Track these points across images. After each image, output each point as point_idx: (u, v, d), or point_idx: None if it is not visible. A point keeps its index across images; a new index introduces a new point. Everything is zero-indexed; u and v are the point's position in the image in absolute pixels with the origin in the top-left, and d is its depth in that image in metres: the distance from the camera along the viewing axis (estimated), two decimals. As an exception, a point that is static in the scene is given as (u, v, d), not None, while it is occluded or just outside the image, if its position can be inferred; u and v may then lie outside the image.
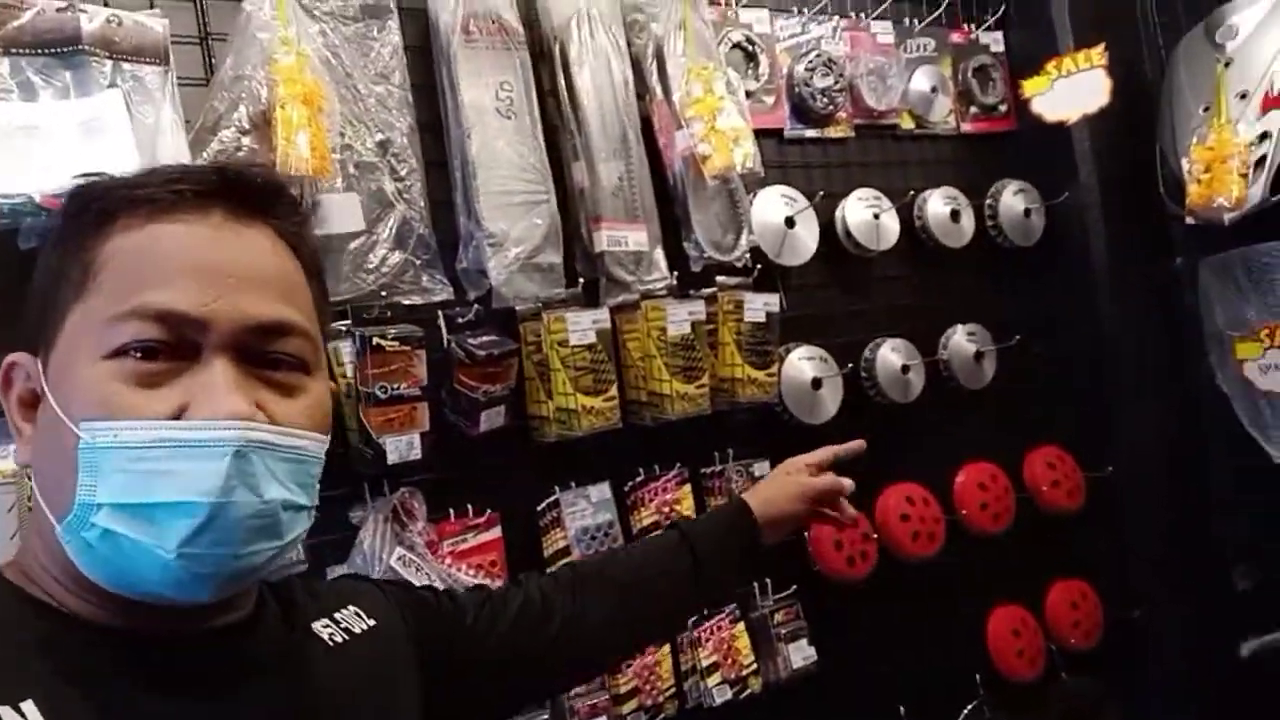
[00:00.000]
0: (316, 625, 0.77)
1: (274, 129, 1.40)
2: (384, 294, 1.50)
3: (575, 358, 1.58)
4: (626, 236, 1.70)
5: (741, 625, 1.80)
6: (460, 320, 1.56)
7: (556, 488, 1.65)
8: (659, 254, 1.75)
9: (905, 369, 2.03)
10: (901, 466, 2.07)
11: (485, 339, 1.52)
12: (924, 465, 2.10)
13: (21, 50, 1.26)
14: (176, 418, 0.59)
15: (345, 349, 1.42)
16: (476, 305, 1.57)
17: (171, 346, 0.60)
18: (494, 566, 1.56)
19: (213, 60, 1.48)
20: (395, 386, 1.39)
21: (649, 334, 1.67)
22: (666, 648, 1.71)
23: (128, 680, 0.61)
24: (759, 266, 1.87)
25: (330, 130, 1.49)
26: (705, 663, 1.74)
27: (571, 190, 1.70)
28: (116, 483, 0.57)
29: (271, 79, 1.43)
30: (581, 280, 1.67)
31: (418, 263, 1.55)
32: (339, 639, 0.77)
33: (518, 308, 1.61)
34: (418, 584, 1.39)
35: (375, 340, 1.38)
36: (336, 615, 0.79)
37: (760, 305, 1.80)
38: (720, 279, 1.80)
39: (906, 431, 2.07)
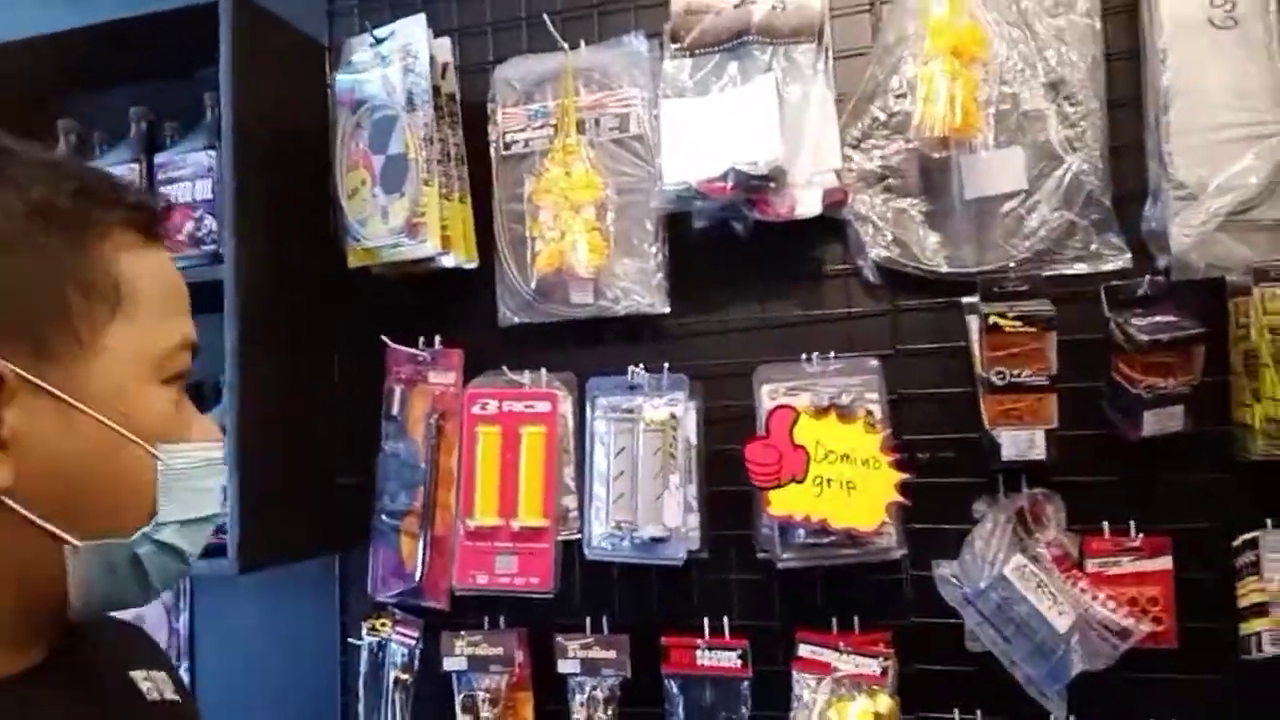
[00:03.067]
0: (135, 674, 0.71)
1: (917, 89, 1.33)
2: (1037, 263, 1.30)
3: (1297, 350, 1.13)
4: None
5: None
6: (1136, 294, 1.25)
7: (1269, 520, 1.22)
8: None
9: None
10: None
11: (1157, 320, 1.20)
12: None
13: (702, 50, 1.43)
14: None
15: (973, 325, 1.28)
16: (1154, 276, 1.24)
17: None
18: (1155, 606, 1.24)
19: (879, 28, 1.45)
20: (1016, 373, 1.20)
21: None
22: None
23: None
24: None
25: (988, 80, 1.34)
26: None
27: (1334, 112, 1.20)
28: (182, 501, 0.62)
29: (923, 34, 1.34)
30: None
31: (1085, 223, 1.31)
32: (155, 696, 0.71)
33: (1228, 278, 1.22)
34: (1026, 600, 1.21)
35: (993, 319, 1.20)
36: (152, 672, 0.73)
37: None
38: None
39: None
